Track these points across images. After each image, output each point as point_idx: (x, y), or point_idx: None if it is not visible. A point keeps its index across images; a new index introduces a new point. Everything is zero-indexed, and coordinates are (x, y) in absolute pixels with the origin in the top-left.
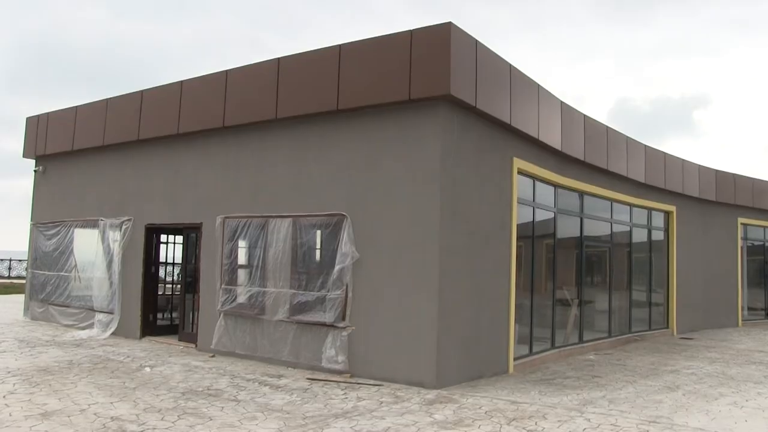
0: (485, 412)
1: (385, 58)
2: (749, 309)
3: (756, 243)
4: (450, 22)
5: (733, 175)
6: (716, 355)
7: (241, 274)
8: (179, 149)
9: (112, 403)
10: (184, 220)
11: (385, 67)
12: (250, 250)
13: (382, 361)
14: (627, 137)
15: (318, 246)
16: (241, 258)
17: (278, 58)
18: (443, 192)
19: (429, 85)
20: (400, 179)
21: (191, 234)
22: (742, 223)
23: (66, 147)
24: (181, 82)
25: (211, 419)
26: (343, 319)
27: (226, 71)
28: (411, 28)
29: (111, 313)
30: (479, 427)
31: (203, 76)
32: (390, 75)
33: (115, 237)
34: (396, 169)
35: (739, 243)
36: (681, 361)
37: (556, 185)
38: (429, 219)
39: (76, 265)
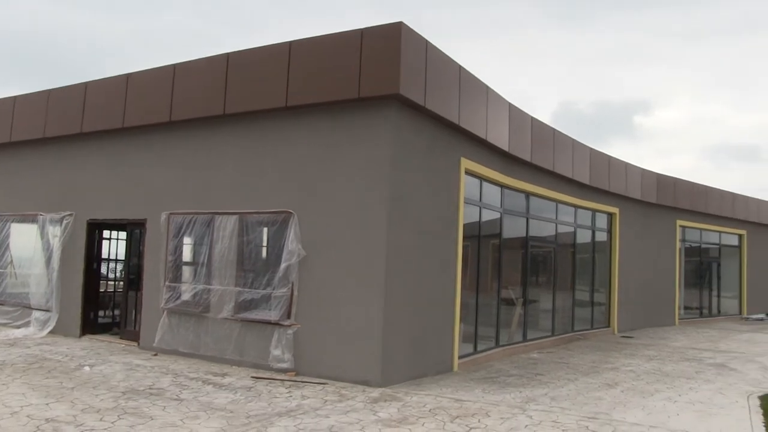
0: (429, 410)
1: (335, 56)
2: (686, 308)
3: (693, 245)
4: (401, 22)
5: (674, 178)
6: (654, 352)
7: (186, 272)
8: (124, 143)
9: (47, 404)
10: (128, 215)
11: (335, 65)
12: (196, 247)
13: (328, 359)
14: (573, 140)
15: (264, 243)
16: (187, 255)
17: (227, 54)
18: (391, 191)
19: (379, 84)
20: (348, 177)
21: (135, 230)
22: (680, 226)
23: (3, 138)
24: (128, 75)
25: (152, 419)
26: (289, 317)
27: (174, 65)
28: (362, 27)
29: (49, 310)
30: (423, 424)
31: (150, 69)
32: (340, 73)
33: (55, 232)
34: (345, 168)
35: (678, 245)
36: (621, 359)
37: (502, 186)
38: (377, 218)
39: (12, 261)
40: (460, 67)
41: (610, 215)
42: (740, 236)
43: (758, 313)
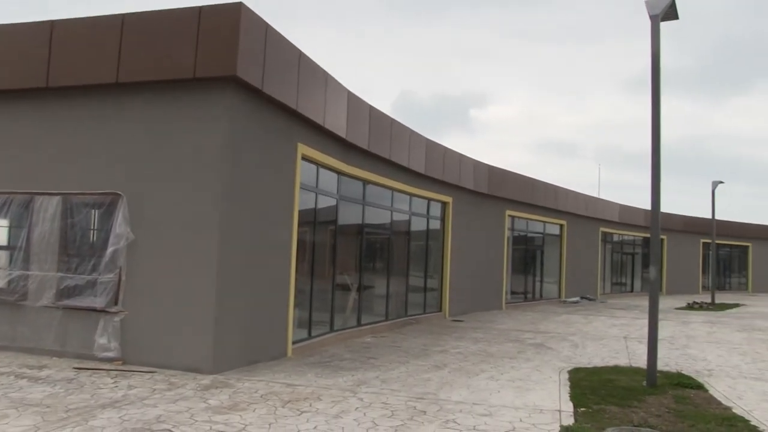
0: (261, 396)
1: (170, 33)
2: (512, 293)
3: (520, 233)
4: (241, 2)
5: (504, 171)
6: (481, 335)
7: (1, 257)
8: None
9: None
10: None
11: (170, 42)
12: (12, 229)
13: (158, 347)
14: (410, 130)
15: (91, 227)
16: (1, 238)
17: (52, 21)
18: (226, 174)
19: (215, 64)
20: (181, 159)
21: None
22: (509, 215)
23: None
24: None
25: None
26: (116, 303)
27: None
28: (200, 5)
29: None
30: (254, 410)
31: None
32: (175, 51)
33: None
34: (178, 149)
35: (507, 233)
36: (450, 342)
37: (339, 172)
38: (210, 201)
39: None
40: (300, 52)
41: (444, 204)
42: (561, 226)
43: (574, 297)
